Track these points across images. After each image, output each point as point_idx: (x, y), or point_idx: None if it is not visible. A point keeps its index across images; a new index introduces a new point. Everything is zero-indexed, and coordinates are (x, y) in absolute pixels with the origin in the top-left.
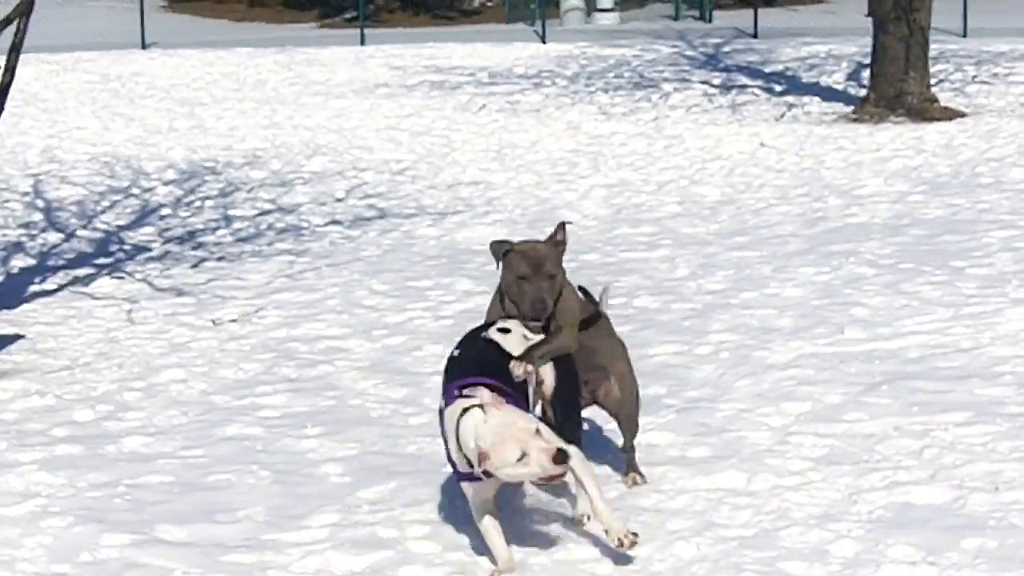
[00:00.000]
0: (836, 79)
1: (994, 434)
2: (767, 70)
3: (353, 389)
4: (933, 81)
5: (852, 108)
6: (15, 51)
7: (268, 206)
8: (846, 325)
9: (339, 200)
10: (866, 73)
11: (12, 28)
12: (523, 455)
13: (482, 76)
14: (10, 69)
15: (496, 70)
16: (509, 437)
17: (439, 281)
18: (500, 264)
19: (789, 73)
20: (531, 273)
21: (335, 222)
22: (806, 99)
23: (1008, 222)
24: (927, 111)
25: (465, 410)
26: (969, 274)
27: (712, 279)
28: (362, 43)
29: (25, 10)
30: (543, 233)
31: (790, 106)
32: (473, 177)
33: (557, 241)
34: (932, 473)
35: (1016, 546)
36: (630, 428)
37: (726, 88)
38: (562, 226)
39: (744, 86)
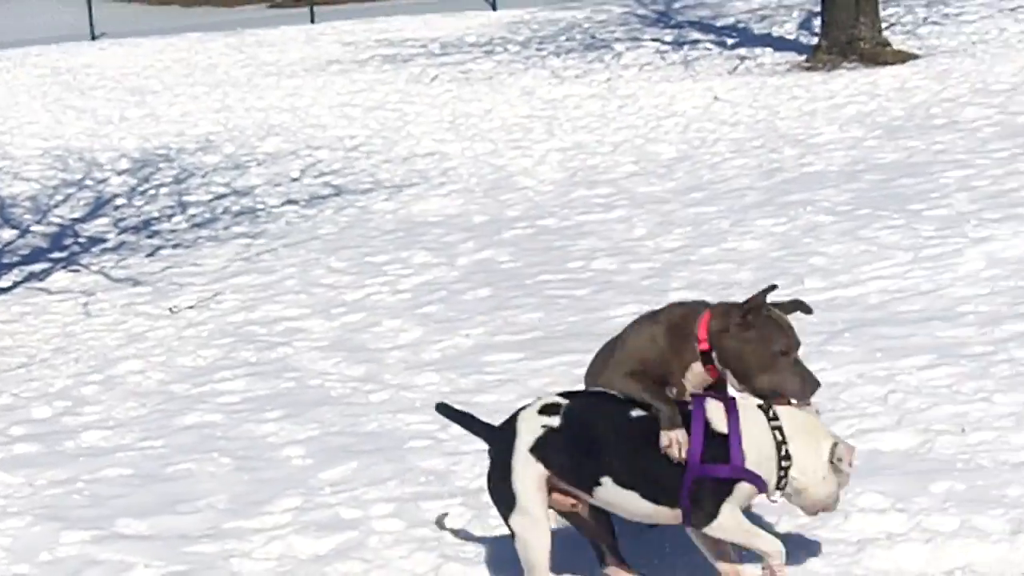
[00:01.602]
0: (787, 29)
1: (957, 375)
2: (719, 24)
3: (312, 369)
4: (884, 25)
5: (805, 57)
6: None
7: (223, 190)
8: (805, 275)
9: (294, 180)
10: (817, 21)
11: None
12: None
13: (434, 47)
14: None
15: (448, 40)
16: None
17: (397, 255)
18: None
19: (741, 25)
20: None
21: (291, 202)
22: (758, 50)
23: (964, 161)
24: (880, 55)
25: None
26: (927, 216)
27: (670, 237)
28: (312, 21)
29: None
30: (499, 202)
31: (743, 58)
32: (428, 148)
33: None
34: (898, 419)
35: (985, 487)
36: None
37: (678, 44)
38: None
39: (696, 41)
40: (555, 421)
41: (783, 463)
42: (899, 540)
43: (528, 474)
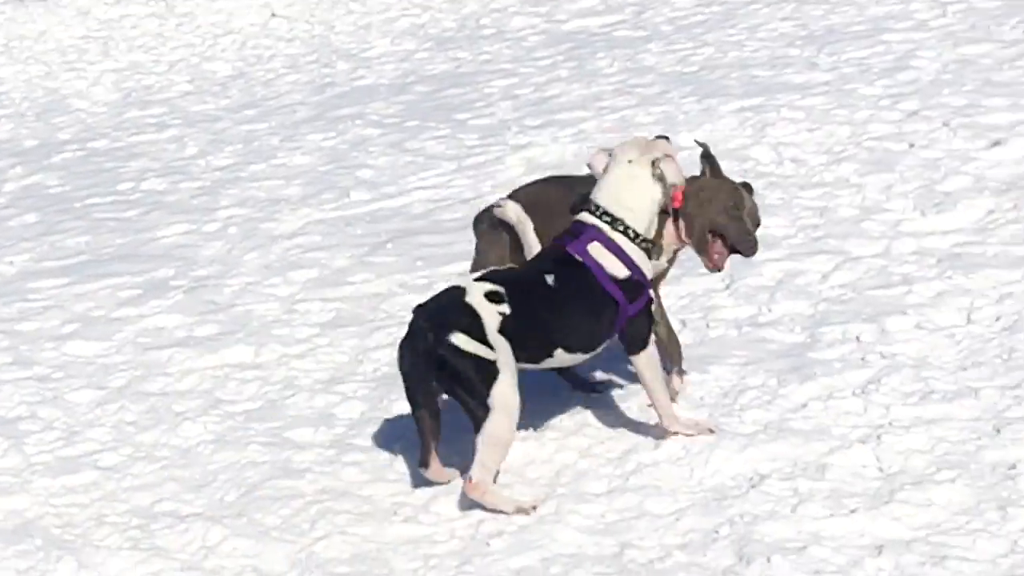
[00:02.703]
0: None
1: None
2: None
3: None
4: None
5: None
6: None
7: None
8: (352, 188)
9: None
10: None
11: None
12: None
13: None
14: None
15: None
16: None
17: None
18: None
19: None
20: None
21: None
22: None
23: (508, 71)
24: None
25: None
26: (471, 125)
27: (221, 155)
28: None
29: None
30: (50, 125)
31: None
32: None
33: None
34: None
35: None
36: None
37: None
38: None
39: None
40: (506, 309)
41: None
42: None
43: (506, 350)
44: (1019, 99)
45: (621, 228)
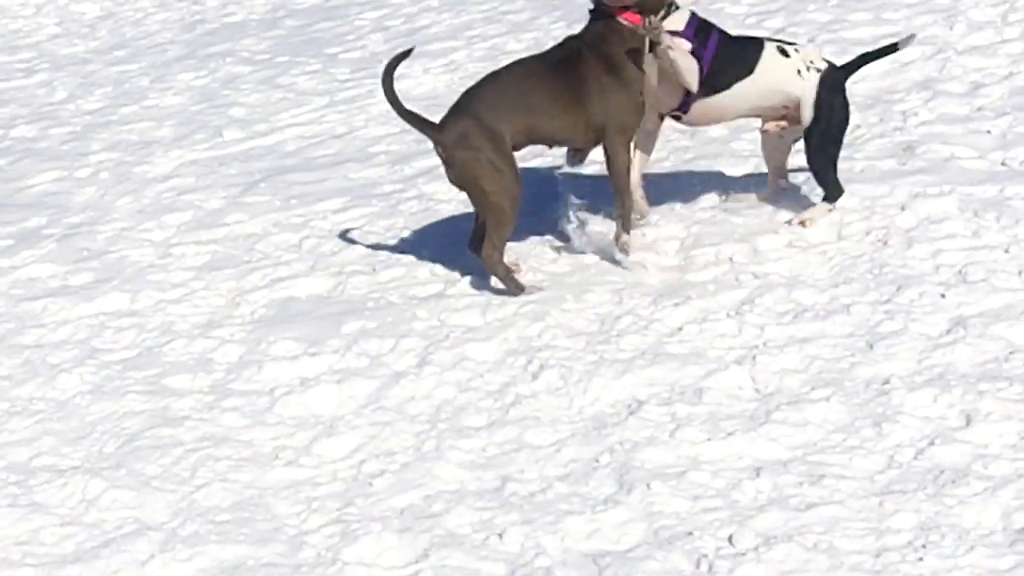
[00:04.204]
0: None
1: (369, 216)
2: None
3: None
4: None
5: None
6: None
7: None
8: (224, 127)
9: None
10: None
11: None
12: None
13: None
14: None
15: None
16: None
17: None
18: None
19: None
20: None
21: None
22: None
23: (379, 2)
24: None
25: None
26: (342, 59)
27: (91, 98)
28: None
29: None
30: None
31: None
32: None
33: None
34: (312, 264)
35: (394, 323)
36: None
37: None
38: None
39: None
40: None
41: None
42: (311, 384)
43: None
44: (882, 12)
45: None
